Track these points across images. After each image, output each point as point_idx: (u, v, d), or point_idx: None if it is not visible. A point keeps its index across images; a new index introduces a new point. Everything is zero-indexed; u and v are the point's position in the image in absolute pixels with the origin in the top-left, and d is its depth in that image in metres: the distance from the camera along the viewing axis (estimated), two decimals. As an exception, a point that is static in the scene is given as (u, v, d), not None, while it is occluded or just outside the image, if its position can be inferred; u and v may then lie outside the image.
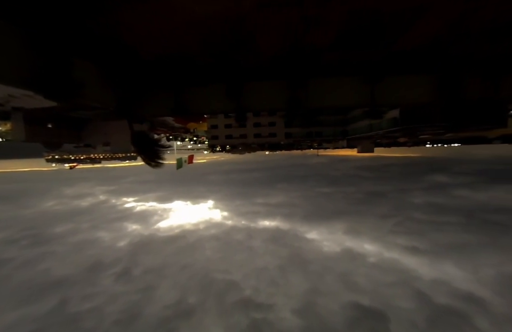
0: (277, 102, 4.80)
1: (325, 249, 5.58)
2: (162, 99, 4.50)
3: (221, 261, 5.15)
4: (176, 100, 4.40)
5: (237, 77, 4.18)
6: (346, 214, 8.02)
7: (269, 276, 4.46)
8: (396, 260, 4.85)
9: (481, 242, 5.24)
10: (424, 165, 23.94)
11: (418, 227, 6.48)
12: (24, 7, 2.03)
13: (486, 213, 7.19)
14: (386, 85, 4.58)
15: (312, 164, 30.17)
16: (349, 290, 3.97)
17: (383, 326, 3.10)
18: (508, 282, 3.79)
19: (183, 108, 4.53)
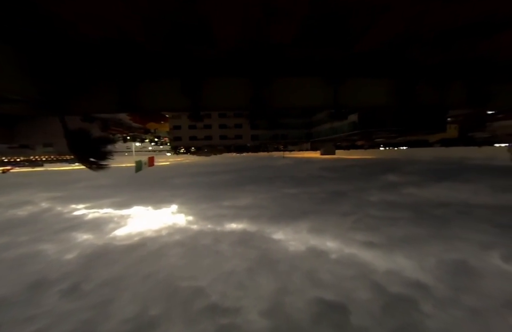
0: (240, 101, 4.72)
1: (291, 249, 5.70)
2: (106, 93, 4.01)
3: (186, 268, 4.89)
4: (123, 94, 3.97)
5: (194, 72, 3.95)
6: (311, 214, 8.33)
7: (236, 280, 4.37)
8: (355, 255, 5.16)
9: (426, 234, 5.88)
10: (379, 166, 26.34)
11: (374, 223, 7.02)
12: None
13: (430, 208, 8.12)
14: (348, 87, 4.87)
15: (278, 166, 30.96)
16: (314, 286, 4.09)
17: (344, 317, 3.25)
18: (446, 268, 4.27)
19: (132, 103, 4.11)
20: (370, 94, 5.00)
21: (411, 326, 3.06)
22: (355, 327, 3.12)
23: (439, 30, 2.91)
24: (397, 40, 3.12)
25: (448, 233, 6.10)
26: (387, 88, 4.87)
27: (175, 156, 78.45)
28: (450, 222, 6.93)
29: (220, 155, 75.91)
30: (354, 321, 3.21)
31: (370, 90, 4.95)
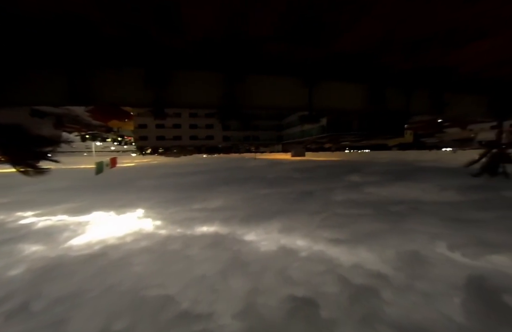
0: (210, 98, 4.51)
1: (262, 249, 5.74)
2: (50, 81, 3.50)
3: (154, 276, 4.62)
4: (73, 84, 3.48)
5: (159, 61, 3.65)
6: (282, 214, 8.51)
7: (208, 284, 4.26)
8: (323, 252, 5.38)
9: (385, 229, 6.35)
10: (344, 167, 28.00)
11: (340, 221, 7.39)
12: None
13: (388, 205, 8.80)
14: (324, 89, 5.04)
15: (250, 167, 31.10)
16: (285, 284, 4.17)
17: (314, 311, 3.36)
18: (403, 258, 4.66)
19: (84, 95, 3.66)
20: (345, 98, 5.23)
21: (373, 314, 3.29)
22: (324, 320, 3.25)
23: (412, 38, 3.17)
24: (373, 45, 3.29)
25: (403, 227, 6.70)
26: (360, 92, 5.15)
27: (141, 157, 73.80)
28: (405, 217, 7.62)
29: (190, 156, 73.52)
30: (323, 314, 3.34)
31: (345, 94, 5.18)
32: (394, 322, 3.19)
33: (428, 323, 3.14)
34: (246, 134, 78.60)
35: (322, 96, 5.04)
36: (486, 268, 4.54)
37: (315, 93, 4.77)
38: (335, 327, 3.14)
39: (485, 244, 5.47)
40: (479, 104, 7.84)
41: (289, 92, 4.78)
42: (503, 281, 4.07)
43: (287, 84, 4.71)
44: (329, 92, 5.07)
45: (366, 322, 3.22)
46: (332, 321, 3.25)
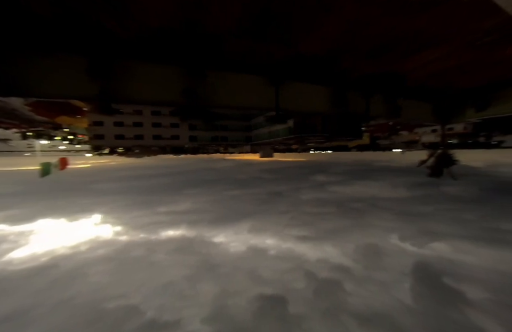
0: (170, 94, 4.20)
1: (232, 250, 5.70)
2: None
3: (114, 286, 4.24)
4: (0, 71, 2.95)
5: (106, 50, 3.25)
6: (251, 214, 8.55)
7: (175, 290, 4.07)
8: (291, 249, 5.54)
9: (347, 224, 6.78)
10: (310, 168, 29.30)
11: (307, 219, 7.69)
12: None
13: (350, 202, 9.42)
14: (290, 90, 5.11)
15: (220, 168, 30.66)
16: (255, 284, 4.20)
17: (283, 307, 3.44)
18: (362, 251, 5.03)
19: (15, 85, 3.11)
20: (311, 100, 5.43)
21: (337, 305, 3.48)
22: (293, 315, 3.35)
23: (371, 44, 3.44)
24: (336, 48, 3.47)
25: (362, 222, 7.25)
26: (325, 95, 5.40)
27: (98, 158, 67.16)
28: (364, 213, 8.27)
29: (155, 157, 69.33)
30: (292, 309, 3.44)
31: (311, 96, 5.37)
32: (356, 310, 3.44)
33: (384, 309, 3.46)
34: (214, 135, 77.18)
35: (289, 97, 5.16)
36: (429, 255, 5.17)
37: (282, 93, 4.85)
38: (302, 322, 3.26)
39: (428, 233, 6.23)
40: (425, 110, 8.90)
41: (256, 91, 4.77)
42: (443, 265, 4.68)
43: (253, 83, 4.70)
44: (296, 93, 5.22)
45: (330, 313, 3.41)
46: (300, 316, 3.37)
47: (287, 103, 4.85)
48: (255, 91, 4.53)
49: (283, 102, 4.78)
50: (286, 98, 4.80)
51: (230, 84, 4.47)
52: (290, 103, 4.98)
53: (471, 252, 5.18)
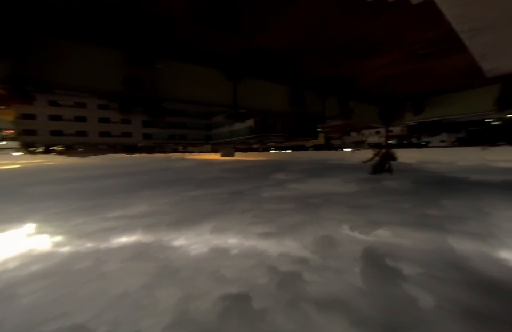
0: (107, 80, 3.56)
1: (193, 253, 5.53)
2: None
3: (55, 304, 3.69)
4: None
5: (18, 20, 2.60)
6: (213, 215, 8.41)
7: (131, 301, 3.76)
8: (254, 246, 5.63)
9: (305, 219, 7.18)
10: (271, 166, 30.13)
11: (268, 216, 7.90)
12: None
13: (307, 198, 9.97)
14: (249, 86, 4.96)
15: (179, 168, 29.27)
16: (219, 285, 4.15)
17: (248, 304, 3.47)
18: (318, 242, 5.38)
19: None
20: (270, 98, 5.42)
21: (298, 295, 3.68)
22: (257, 310, 3.41)
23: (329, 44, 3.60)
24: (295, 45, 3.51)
25: (318, 216, 7.78)
26: (284, 94, 5.48)
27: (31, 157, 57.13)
28: (319, 208, 8.87)
29: (103, 156, 62.17)
30: (256, 305, 3.51)
31: (270, 94, 5.36)
32: (315, 298, 3.69)
33: (339, 293, 3.79)
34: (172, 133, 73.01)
35: (247, 94, 5.05)
36: (374, 240, 5.85)
37: (240, 89, 4.71)
38: (266, 315, 3.35)
39: (373, 222, 7.03)
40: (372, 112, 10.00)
41: (212, 85, 4.49)
42: (385, 249, 5.34)
43: (209, 76, 4.41)
44: (255, 90, 5.15)
45: (292, 303, 3.58)
46: (264, 310, 3.46)
47: (245, 100, 4.70)
48: (211, 85, 4.24)
49: (241, 99, 4.63)
50: (244, 95, 4.67)
51: (184, 76, 4.06)
52: (249, 101, 4.85)
53: (406, 236, 6.04)
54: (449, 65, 4.35)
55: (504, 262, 4.58)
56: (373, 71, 4.57)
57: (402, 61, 3.90)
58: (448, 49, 3.58)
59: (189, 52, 3.56)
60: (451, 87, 6.10)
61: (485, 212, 7.68)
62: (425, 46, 3.41)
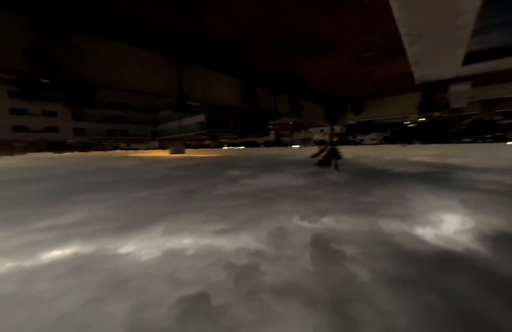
0: (7, 53, 2.61)
1: (144, 258, 5.18)
2: None
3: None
4: None
5: None
6: (165, 216, 7.99)
7: (72, 323, 3.30)
8: (210, 244, 5.62)
9: (259, 213, 7.47)
10: (224, 163, 29.92)
11: (223, 213, 7.93)
12: None
13: (260, 193, 10.34)
14: (197, 76, 4.41)
15: (122, 167, 26.41)
16: (175, 288, 4.02)
17: (207, 304, 3.49)
18: (272, 234, 5.70)
19: None
20: (222, 91, 5.10)
21: (256, 287, 3.86)
22: (217, 307, 3.45)
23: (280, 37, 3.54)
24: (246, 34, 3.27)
25: (271, 209, 8.19)
26: (237, 88, 5.28)
27: None
28: (272, 201, 9.33)
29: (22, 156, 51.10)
30: (215, 302, 3.54)
31: (222, 87, 5.03)
32: (271, 287, 3.93)
33: (293, 279, 4.13)
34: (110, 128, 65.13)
35: (196, 84, 4.48)
36: (321, 228, 6.51)
37: (186, 78, 4.10)
38: (226, 310, 3.43)
39: (319, 211, 7.80)
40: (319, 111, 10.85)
41: (153, 71, 3.50)
42: (330, 234, 6.01)
43: (149, 60, 3.40)
44: (204, 81, 4.66)
45: (251, 295, 3.74)
46: (224, 306, 3.52)
47: (193, 91, 4.08)
48: (152, 71, 3.35)
49: (189, 90, 4.04)
50: (192, 85, 4.07)
51: (116, 57, 3.08)
52: (198, 92, 4.23)
53: (346, 221, 6.90)
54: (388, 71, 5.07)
55: (419, 237, 5.71)
56: (321, 71, 4.96)
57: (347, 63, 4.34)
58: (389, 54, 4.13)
59: (122, 28, 2.77)
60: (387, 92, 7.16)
61: (405, 198, 9.35)
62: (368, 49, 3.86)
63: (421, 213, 7.39)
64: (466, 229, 6.12)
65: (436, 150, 40.89)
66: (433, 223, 6.61)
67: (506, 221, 6.48)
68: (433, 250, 5.10)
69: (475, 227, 6.20)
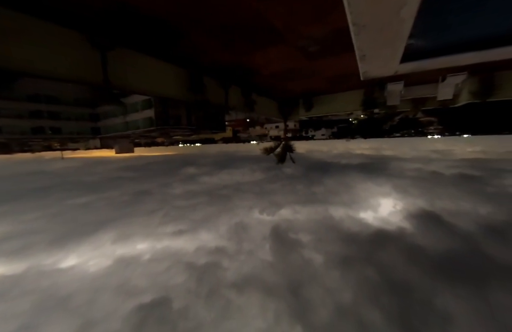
0: None
1: (92, 270, 4.67)
2: None
3: None
4: None
5: None
6: (113, 221, 7.29)
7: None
8: (168, 247, 5.39)
9: (218, 210, 7.45)
10: (179, 161, 28.61)
11: (180, 213, 7.65)
12: None
13: (219, 190, 10.28)
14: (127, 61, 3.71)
15: (56, 170, 22.76)
16: (129, 297, 3.76)
17: (166, 309, 3.37)
18: (232, 230, 5.78)
19: None
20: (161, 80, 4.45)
21: (218, 283, 3.88)
22: (178, 310, 3.36)
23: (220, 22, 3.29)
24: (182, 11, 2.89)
25: (230, 205, 8.24)
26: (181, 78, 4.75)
27: None
28: (231, 197, 9.38)
29: None
30: (175, 306, 3.44)
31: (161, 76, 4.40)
32: (233, 281, 4.00)
33: (254, 271, 4.27)
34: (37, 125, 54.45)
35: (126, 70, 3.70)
36: (278, 219, 6.85)
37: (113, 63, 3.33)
38: (188, 312, 3.36)
39: (277, 204, 8.18)
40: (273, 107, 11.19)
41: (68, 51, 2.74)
42: (287, 224, 6.38)
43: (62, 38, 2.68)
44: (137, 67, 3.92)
45: (214, 293, 3.74)
46: (184, 308, 3.44)
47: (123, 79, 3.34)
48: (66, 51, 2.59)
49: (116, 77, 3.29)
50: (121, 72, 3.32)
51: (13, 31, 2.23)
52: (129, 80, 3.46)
53: (301, 211, 7.41)
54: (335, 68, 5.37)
55: (362, 220, 6.50)
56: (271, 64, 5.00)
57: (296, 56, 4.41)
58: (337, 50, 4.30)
59: None
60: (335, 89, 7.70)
61: (350, 186, 10.47)
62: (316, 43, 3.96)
63: (363, 199, 8.42)
64: (397, 210, 7.23)
65: (373, 143, 46.85)
66: (372, 207, 7.60)
67: (426, 201, 7.88)
68: (372, 230, 5.89)
69: (404, 207, 7.38)
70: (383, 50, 1.72)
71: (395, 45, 1.69)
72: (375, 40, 1.63)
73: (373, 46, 1.69)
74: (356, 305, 3.42)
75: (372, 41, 1.65)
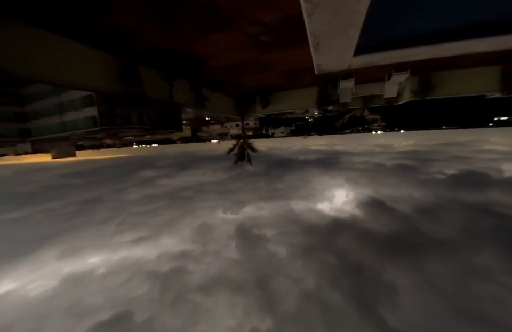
0: None
1: (33, 294, 4.08)
2: None
3: None
4: None
5: None
6: (57, 236, 6.46)
7: None
8: (126, 257, 5.05)
9: (180, 213, 7.24)
10: (134, 164, 26.48)
11: (138, 219, 7.21)
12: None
13: (180, 192, 9.92)
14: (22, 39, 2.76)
15: (-28, 183, 18.75)
16: (82, 318, 3.41)
17: (128, 323, 3.19)
18: (196, 232, 5.68)
19: None
20: (80, 67, 3.61)
21: (183, 289, 3.79)
22: (142, 322, 3.20)
23: None
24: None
25: (193, 207, 8.05)
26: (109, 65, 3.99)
27: None
28: (193, 199, 9.16)
29: None
30: (140, 317, 3.27)
31: (80, 62, 3.56)
32: (199, 284, 3.94)
33: (221, 272, 4.27)
34: None
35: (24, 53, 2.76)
36: (243, 217, 6.95)
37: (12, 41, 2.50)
38: (152, 322, 3.21)
39: (240, 202, 8.27)
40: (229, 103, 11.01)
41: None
42: (251, 221, 6.52)
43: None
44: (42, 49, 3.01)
45: (179, 299, 3.63)
46: (149, 319, 3.28)
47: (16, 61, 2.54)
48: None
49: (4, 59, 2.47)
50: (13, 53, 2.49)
51: None
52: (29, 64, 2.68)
53: (264, 207, 7.65)
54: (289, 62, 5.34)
55: (320, 211, 7.02)
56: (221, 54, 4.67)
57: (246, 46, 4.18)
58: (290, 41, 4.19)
59: None
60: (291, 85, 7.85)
61: (308, 180, 11.17)
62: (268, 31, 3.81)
63: (320, 191, 9.09)
64: (349, 199, 8.01)
65: (327, 140, 50.66)
66: (328, 198, 8.27)
67: (373, 189, 8.89)
68: (329, 219, 6.43)
69: (355, 197, 8.21)
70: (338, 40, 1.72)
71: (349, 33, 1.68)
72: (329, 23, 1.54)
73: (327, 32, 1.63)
74: (319, 289, 3.73)
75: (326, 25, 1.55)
